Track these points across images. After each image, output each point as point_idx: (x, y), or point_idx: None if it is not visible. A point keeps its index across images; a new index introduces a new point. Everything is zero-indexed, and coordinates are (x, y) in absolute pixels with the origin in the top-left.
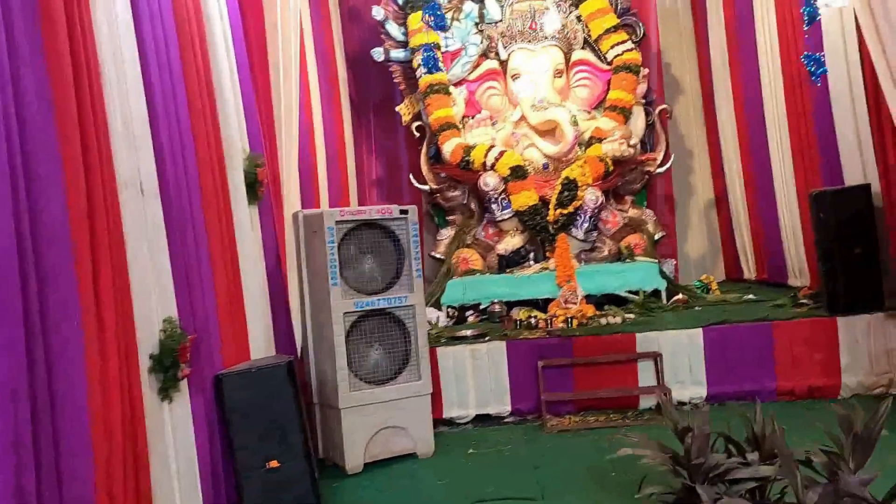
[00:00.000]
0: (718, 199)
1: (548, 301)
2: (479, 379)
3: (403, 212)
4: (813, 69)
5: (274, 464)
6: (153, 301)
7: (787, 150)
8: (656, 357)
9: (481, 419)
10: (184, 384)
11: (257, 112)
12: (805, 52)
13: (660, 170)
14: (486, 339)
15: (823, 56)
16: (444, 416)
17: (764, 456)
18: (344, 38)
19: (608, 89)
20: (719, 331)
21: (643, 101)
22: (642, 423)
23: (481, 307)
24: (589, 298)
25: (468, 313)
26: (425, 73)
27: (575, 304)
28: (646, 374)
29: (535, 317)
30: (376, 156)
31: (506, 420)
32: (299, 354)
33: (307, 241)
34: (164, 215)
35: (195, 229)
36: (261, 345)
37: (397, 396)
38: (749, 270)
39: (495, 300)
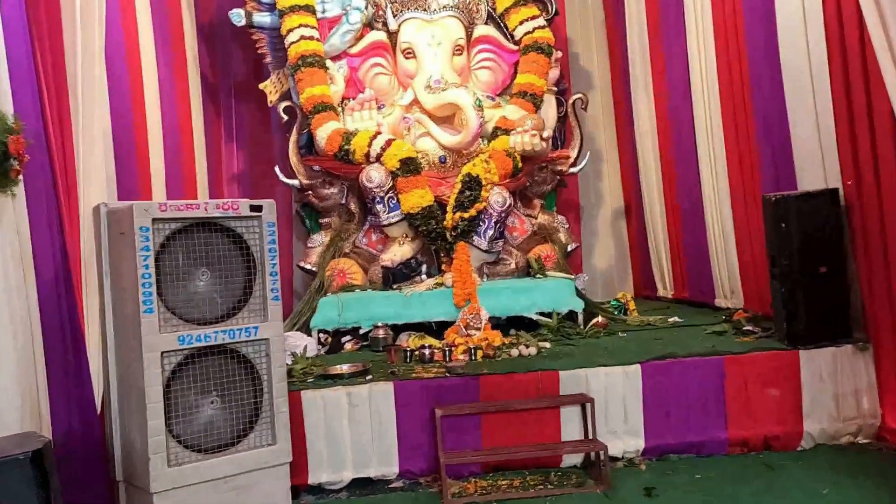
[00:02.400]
0: (628, 207)
1: (444, 325)
2: (357, 432)
3: (255, 208)
4: None
5: None
6: None
7: (721, 151)
8: (586, 402)
9: (360, 485)
10: None
11: (34, 64)
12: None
13: (573, 169)
14: (368, 378)
15: None
16: (309, 483)
17: None
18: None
19: (515, 73)
20: (661, 367)
21: (555, 88)
22: (570, 489)
23: (361, 332)
24: (492, 322)
25: (345, 339)
26: (296, 42)
27: (478, 329)
28: (571, 423)
29: (430, 347)
30: (238, 145)
31: (393, 485)
32: (99, 410)
33: (112, 246)
34: None
35: None
36: (12, 414)
37: (240, 470)
38: (665, 288)
39: (379, 323)
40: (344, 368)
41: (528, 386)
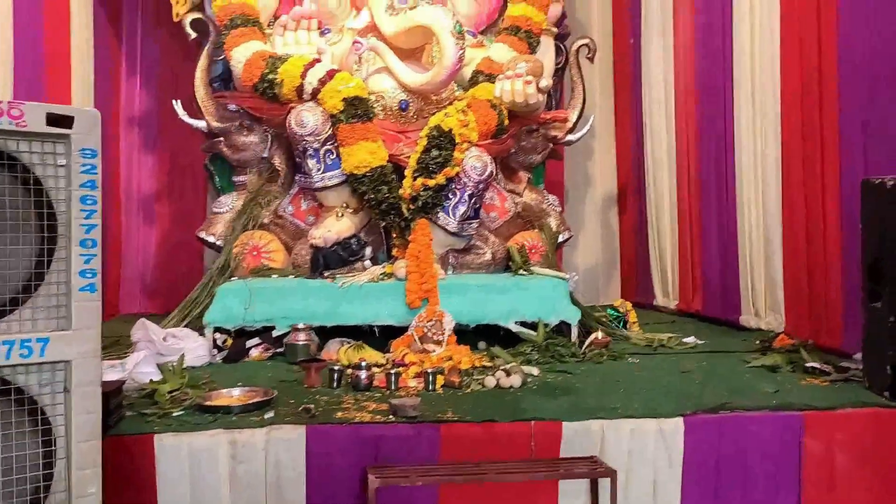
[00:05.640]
0: (623, 193)
1: (391, 332)
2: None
3: (59, 120)
4: None
5: None
6: None
7: (774, 121)
8: (604, 476)
9: None
10: None
11: None
12: None
13: (571, 137)
14: (267, 416)
15: None
16: None
17: None
18: None
19: (505, 5)
20: (713, 425)
21: (554, 30)
22: None
23: (275, 334)
24: (457, 331)
25: (251, 343)
26: None
27: (439, 343)
28: (574, 501)
29: (369, 366)
30: (144, 80)
31: None
32: None
33: None
34: None
35: None
36: None
37: None
38: (667, 296)
39: (300, 325)
40: (234, 396)
41: (515, 443)
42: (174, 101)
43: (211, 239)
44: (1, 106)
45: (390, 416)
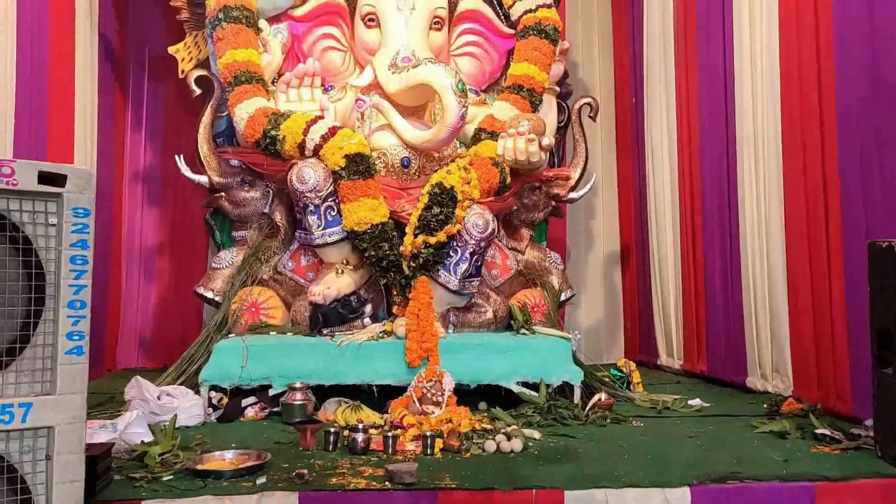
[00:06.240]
0: (626, 251)
1: (389, 392)
2: None
3: (50, 178)
4: None
5: None
6: None
7: (776, 182)
8: None
9: None
10: None
11: None
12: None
13: (573, 195)
14: (259, 482)
15: None
16: None
17: None
18: None
19: (507, 64)
20: (721, 495)
21: (556, 88)
22: None
23: (271, 393)
24: (458, 391)
25: (247, 402)
26: None
27: (439, 405)
28: None
29: (366, 428)
30: (149, 135)
31: None
32: None
33: None
34: None
35: None
36: None
37: None
38: (671, 356)
39: (297, 383)
40: (226, 459)
41: None
42: (177, 157)
43: (209, 295)
44: None
45: (386, 483)
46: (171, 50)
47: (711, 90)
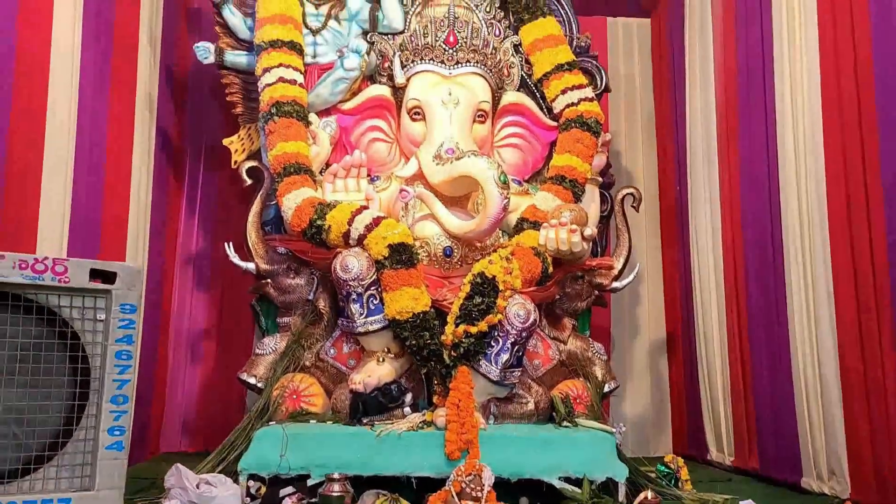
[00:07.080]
0: (671, 340)
1: (428, 484)
2: None
3: (102, 275)
4: None
5: None
6: None
7: (824, 269)
8: None
9: None
10: None
11: None
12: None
13: (616, 284)
14: None
15: None
16: None
17: None
18: (164, 31)
19: (550, 155)
20: None
21: (599, 179)
22: None
23: (310, 483)
24: (497, 485)
25: (285, 492)
26: (272, 84)
27: (479, 499)
28: None
29: None
30: (201, 222)
31: None
32: None
33: None
34: None
35: None
36: None
37: None
38: (721, 451)
39: (336, 474)
40: None
41: None
42: (226, 244)
43: (252, 381)
44: (46, 262)
45: None
46: (225, 142)
47: (754, 180)
